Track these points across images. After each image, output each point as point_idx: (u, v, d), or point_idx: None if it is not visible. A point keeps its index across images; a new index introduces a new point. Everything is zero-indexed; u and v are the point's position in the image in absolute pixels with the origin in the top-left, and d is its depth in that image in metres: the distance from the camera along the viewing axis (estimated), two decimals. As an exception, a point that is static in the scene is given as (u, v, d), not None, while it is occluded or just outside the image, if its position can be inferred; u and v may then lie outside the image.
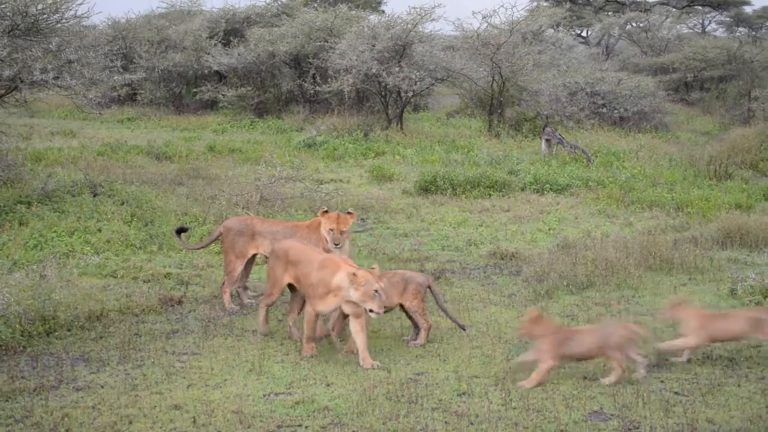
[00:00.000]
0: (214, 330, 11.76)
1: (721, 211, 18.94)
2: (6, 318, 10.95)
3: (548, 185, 21.79)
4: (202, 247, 13.94)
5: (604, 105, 33.18)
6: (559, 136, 26.10)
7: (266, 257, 13.10)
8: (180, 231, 13.73)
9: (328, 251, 12.12)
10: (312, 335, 10.84)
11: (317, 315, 10.83)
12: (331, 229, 12.16)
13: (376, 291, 10.14)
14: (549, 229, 18.09)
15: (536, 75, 34.28)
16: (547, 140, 25.94)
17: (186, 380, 9.93)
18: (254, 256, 13.07)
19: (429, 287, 11.39)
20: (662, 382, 9.83)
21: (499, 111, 33.07)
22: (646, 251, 15.04)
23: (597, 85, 33.64)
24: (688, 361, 10.37)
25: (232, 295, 12.98)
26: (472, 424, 8.66)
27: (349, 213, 12.54)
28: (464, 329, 11.53)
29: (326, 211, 12.43)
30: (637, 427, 8.54)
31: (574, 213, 19.57)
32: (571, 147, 25.65)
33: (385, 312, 10.46)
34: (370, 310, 10.20)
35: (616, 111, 33.11)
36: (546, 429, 8.53)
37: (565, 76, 34.76)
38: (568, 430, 8.54)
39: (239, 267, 12.86)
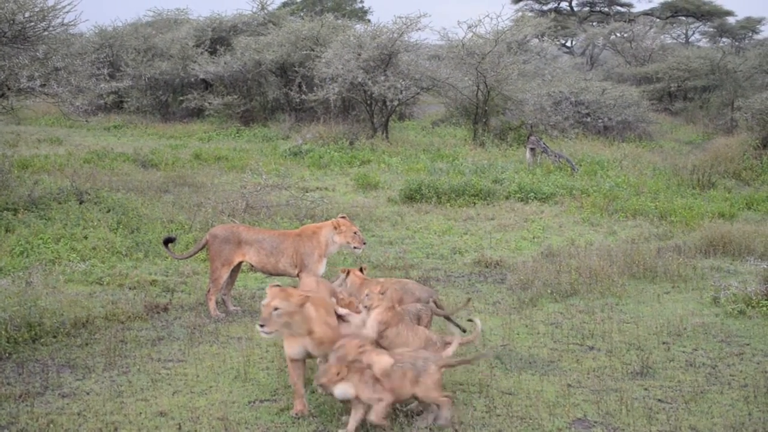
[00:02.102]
0: (200, 337, 11.77)
1: (704, 220, 19.05)
2: (-8, 325, 10.97)
3: (532, 194, 21.86)
4: (189, 256, 13.96)
5: (588, 114, 33.32)
6: (544, 145, 26.18)
7: (252, 265, 13.15)
8: (167, 241, 13.74)
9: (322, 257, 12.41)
10: None
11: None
12: (356, 232, 12.70)
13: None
14: (533, 238, 18.16)
15: (521, 84, 34.43)
16: (532, 149, 26.01)
17: (171, 387, 9.94)
18: (240, 263, 13.08)
19: (435, 302, 11.35)
20: (646, 389, 9.88)
21: (483, 120, 33.17)
22: (629, 259, 15.12)
23: (581, 95, 33.78)
24: None
25: (217, 303, 13.01)
26: (456, 431, 8.70)
27: (342, 217, 12.95)
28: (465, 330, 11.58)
29: (344, 217, 12.89)
30: (620, 434, 8.59)
31: (558, 221, 19.64)
32: (556, 156, 25.73)
33: None
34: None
35: (600, 120, 33.25)
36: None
37: (550, 86, 34.89)
38: (552, 436, 8.60)
39: (224, 275, 12.88)
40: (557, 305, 13.29)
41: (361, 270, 12.06)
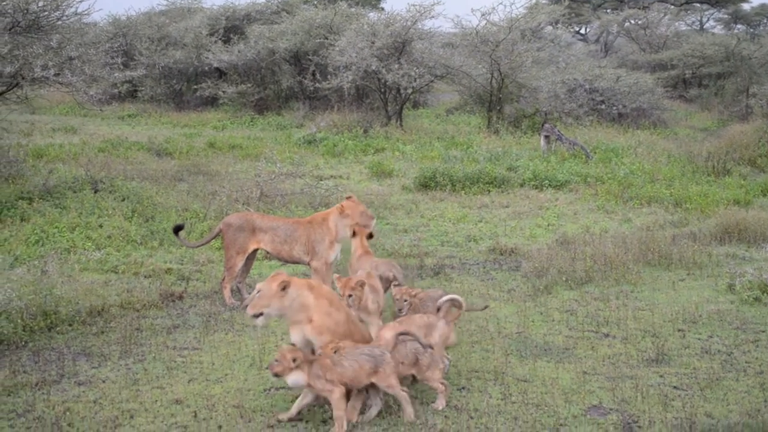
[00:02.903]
0: (215, 325, 11.79)
1: (719, 207, 18.99)
2: (8, 313, 10.99)
3: (547, 181, 21.83)
4: (202, 244, 13.97)
5: (602, 102, 33.24)
6: (558, 133, 26.13)
7: (267, 252, 13.16)
8: (177, 229, 13.76)
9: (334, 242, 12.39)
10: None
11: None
12: (362, 211, 12.56)
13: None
14: (548, 225, 18.13)
15: (535, 72, 34.35)
16: (546, 137, 25.97)
17: (187, 375, 9.97)
18: (255, 251, 13.10)
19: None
20: (661, 376, 9.86)
21: (498, 108, 33.12)
22: (644, 247, 15.09)
23: (595, 82, 33.71)
24: None
25: (232, 291, 13.03)
26: (471, 418, 8.70)
27: (348, 197, 12.84)
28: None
29: (350, 197, 12.82)
30: (636, 422, 8.56)
31: (573, 209, 19.61)
32: (570, 143, 25.68)
33: None
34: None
35: (614, 107, 33.17)
36: (545, 423, 8.56)
37: (564, 73, 34.84)
38: (567, 424, 8.57)
39: (239, 263, 12.90)
40: (572, 292, 13.28)
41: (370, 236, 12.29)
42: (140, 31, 41.36)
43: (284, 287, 8.89)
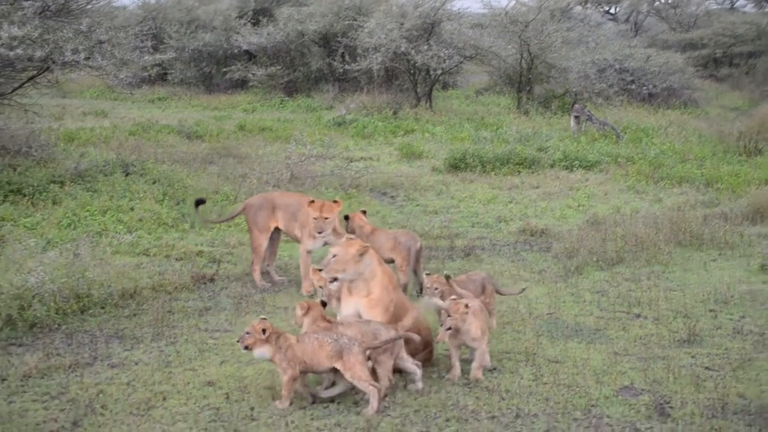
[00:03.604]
0: (246, 307, 11.84)
1: (750, 187, 18.89)
2: (41, 296, 11.05)
3: (577, 162, 21.77)
4: (221, 222, 14.04)
5: (632, 81, 33.08)
6: (588, 113, 26.04)
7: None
8: (198, 203, 13.83)
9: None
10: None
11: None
12: (315, 218, 12.05)
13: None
14: (578, 206, 18.10)
15: (565, 52, 34.14)
16: (576, 117, 25.88)
17: (219, 357, 10.01)
18: (278, 231, 13.10)
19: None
20: (693, 357, 9.85)
21: (527, 88, 33.01)
22: (675, 227, 15.05)
23: (626, 62, 33.55)
24: None
25: (262, 273, 13.07)
26: (502, 399, 8.71)
27: (335, 201, 12.47)
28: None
29: (312, 201, 12.31)
30: (668, 402, 8.55)
31: (604, 189, 19.55)
32: (600, 123, 25.60)
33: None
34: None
35: (644, 87, 32.99)
36: (576, 404, 8.56)
37: (594, 53, 34.64)
38: (599, 405, 8.57)
39: (264, 242, 12.92)
40: (603, 273, 13.26)
41: (363, 213, 12.32)
42: (169, 15, 41.36)
43: (362, 253, 8.97)
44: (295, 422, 8.23)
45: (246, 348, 8.66)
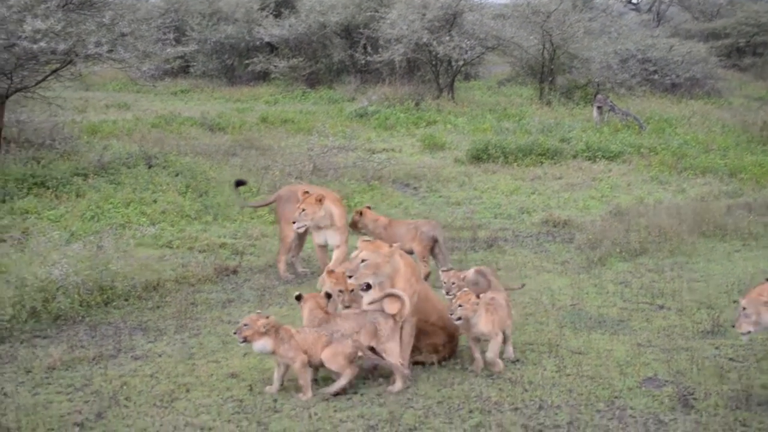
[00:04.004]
0: (269, 299, 11.87)
1: (774, 177, 18.84)
2: (65, 288, 11.10)
3: (600, 152, 21.71)
4: (255, 206, 14.06)
5: (655, 71, 32.98)
6: (611, 103, 25.97)
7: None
8: (239, 184, 13.87)
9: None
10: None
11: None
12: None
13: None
14: (601, 197, 18.06)
15: (587, 42, 34.07)
16: (599, 107, 25.82)
17: (242, 349, 10.00)
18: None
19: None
20: (716, 348, 9.82)
21: (550, 79, 32.98)
22: (699, 218, 15.00)
23: (648, 52, 33.46)
24: None
25: (287, 265, 13.08)
26: (525, 390, 8.70)
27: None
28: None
29: (306, 192, 12.37)
30: (692, 394, 8.52)
31: (627, 180, 19.51)
32: (623, 114, 25.53)
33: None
34: None
35: (667, 77, 32.89)
36: (600, 395, 8.54)
37: (616, 43, 34.56)
38: (622, 396, 8.55)
39: (291, 233, 12.89)
40: (626, 264, 13.24)
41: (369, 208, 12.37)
42: (191, 7, 41.40)
43: (392, 254, 9.00)
44: (318, 414, 8.23)
45: (244, 340, 8.68)
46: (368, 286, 9.00)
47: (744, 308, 8.09)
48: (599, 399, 8.46)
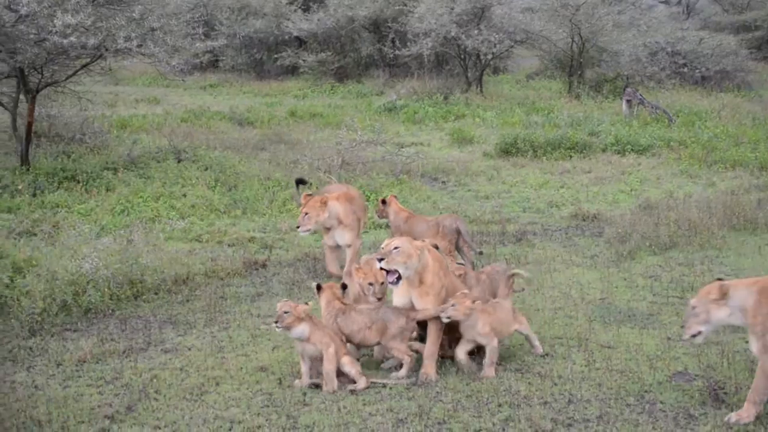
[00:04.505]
0: (298, 293, 11.87)
1: (805, 170, 18.73)
2: (95, 282, 11.17)
3: (629, 146, 21.62)
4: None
5: (685, 65, 32.78)
6: (640, 97, 25.87)
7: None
8: (300, 182, 13.89)
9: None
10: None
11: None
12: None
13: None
14: (631, 190, 18.00)
15: (616, 35, 33.89)
16: (628, 101, 25.73)
17: (271, 342, 10.06)
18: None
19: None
20: (747, 342, 9.75)
21: (579, 72, 32.85)
22: (729, 211, 14.90)
23: (678, 45, 33.25)
24: None
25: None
26: (555, 384, 8.69)
27: (322, 200, 12.37)
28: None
29: (309, 195, 12.47)
30: (722, 388, 8.48)
31: (656, 173, 19.43)
32: (653, 107, 25.42)
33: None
34: None
35: (697, 70, 32.67)
36: (630, 390, 8.52)
37: (646, 36, 34.34)
38: (652, 390, 8.53)
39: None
40: (656, 258, 13.18)
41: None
42: (220, 1, 41.46)
43: (423, 248, 9.14)
44: (348, 407, 8.25)
45: (284, 328, 8.71)
46: (398, 279, 9.01)
47: (693, 307, 8.07)
48: (629, 393, 8.44)
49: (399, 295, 9.17)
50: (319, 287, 9.32)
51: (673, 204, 15.95)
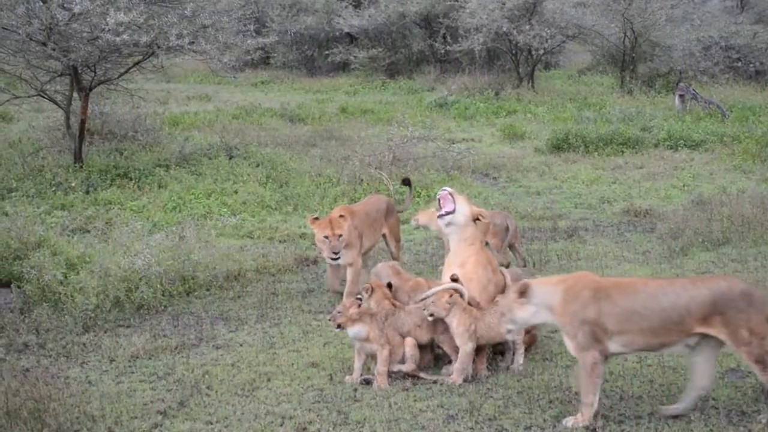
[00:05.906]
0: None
1: None
2: (147, 278, 11.25)
3: (682, 141, 21.47)
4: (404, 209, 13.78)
5: (739, 59, 32.50)
6: (693, 92, 25.68)
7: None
8: (405, 182, 13.87)
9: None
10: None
11: None
12: (326, 236, 10.81)
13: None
14: (683, 186, 17.87)
15: (669, 30, 33.58)
16: (681, 96, 25.55)
17: (322, 338, 10.09)
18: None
19: None
20: (800, 339, 9.69)
21: (631, 67, 32.63)
22: (783, 207, 14.76)
23: (732, 39, 32.96)
24: None
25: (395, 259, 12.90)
26: (606, 381, 8.63)
27: (341, 216, 11.26)
28: None
29: (316, 218, 11.33)
30: (775, 385, 8.43)
31: (709, 169, 19.28)
32: (706, 102, 25.23)
33: None
34: None
35: (751, 65, 32.39)
36: (681, 387, 8.45)
37: (699, 31, 34.06)
38: (704, 387, 8.48)
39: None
40: (709, 254, 13.08)
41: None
42: (271, -1, 41.70)
43: (475, 217, 9.47)
44: (398, 403, 8.26)
45: (339, 326, 8.73)
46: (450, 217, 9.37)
47: (499, 305, 8.19)
48: (680, 390, 8.38)
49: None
50: (370, 288, 9.31)
51: (726, 200, 15.79)
